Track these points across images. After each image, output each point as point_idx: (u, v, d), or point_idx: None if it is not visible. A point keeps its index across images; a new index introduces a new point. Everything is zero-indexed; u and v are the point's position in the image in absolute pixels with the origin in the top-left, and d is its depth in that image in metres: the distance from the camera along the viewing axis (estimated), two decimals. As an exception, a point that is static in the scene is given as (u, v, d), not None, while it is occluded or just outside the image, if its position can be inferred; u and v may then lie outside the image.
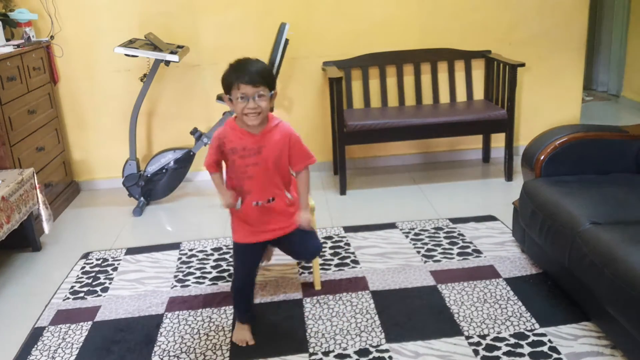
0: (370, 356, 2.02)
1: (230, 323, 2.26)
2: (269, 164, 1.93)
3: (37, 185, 2.95)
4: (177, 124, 3.86)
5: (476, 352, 2.00)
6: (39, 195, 2.96)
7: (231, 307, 2.37)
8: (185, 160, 3.53)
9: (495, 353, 1.99)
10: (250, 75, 1.81)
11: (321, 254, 2.76)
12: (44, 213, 2.97)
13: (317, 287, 2.46)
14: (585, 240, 1.96)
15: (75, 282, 2.68)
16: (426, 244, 2.84)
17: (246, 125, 1.89)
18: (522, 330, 2.11)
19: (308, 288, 2.47)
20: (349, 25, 3.78)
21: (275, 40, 3.26)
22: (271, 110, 1.99)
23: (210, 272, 2.68)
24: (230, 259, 2.79)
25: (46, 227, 2.99)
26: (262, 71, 1.85)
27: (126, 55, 3.20)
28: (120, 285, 2.62)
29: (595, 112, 5.25)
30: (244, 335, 2.13)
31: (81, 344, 2.20)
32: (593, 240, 1.93)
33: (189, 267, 2.74)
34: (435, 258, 2.69)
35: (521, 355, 1.97)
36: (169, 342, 2.17)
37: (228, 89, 1.87)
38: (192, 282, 2.60)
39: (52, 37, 3.65)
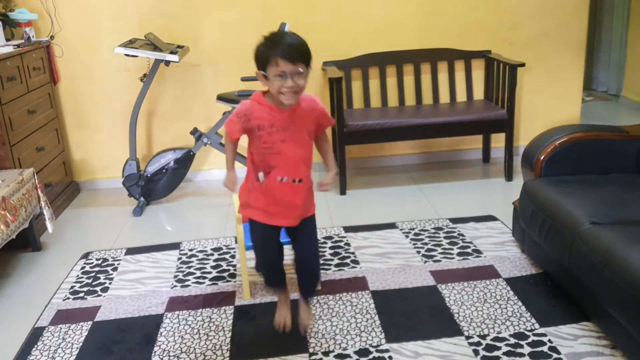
0: (370, 356, 2.02)
1: (231, 323, 2.26)
2: (297, 139, 1.85)
3: (38, 185, 2.96)
4: (177, 124, 3.86)
5: (476, 352, 2.00)
6: (41, 195, 2.96)
7: (231, 306, 2.37)
8: (185, 160, 3.53)
9: (495, 353, 1.99)
10: (290, 51, 1.69)
11: (321, 253, 2.76)
12: (46, 212, 2.98)
13: (317, 287, 2.46)
14: (585, 240, 1.96)
15: (75, 282, 2.68)
16: (426, 244, 2.84)
17: (277, 101, 1.79)
18: (522, 330, 2.11)
19: (308, 288, 2.47)
20: (349, 25, 3.78)
21: (275, 40, 3.26)
22: None
23: (210, 272, 2.68)
24: (231, 259, 2.79)
25: (49, 226, 2.99)
26: (300, 47, 1.72)
27: (126, 55, 3.20)
28: (120, 285, 2.62)
29: (595, 112, 5.25)
30: (283, 316, 2.09)
31: (81, 344, 2.20)
32: (593, 240, 1.93)
33: (189, 267, 2.74)
34: (435, 258, 2.69)
35: (521, 355, 1.97)
36: (169, 342, 2.17)
37: (263, 65, 1.74)
38: (192, 282, 2.60)
39: (52, 37, 3.65)
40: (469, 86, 3.89)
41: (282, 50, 1.70)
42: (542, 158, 2.45)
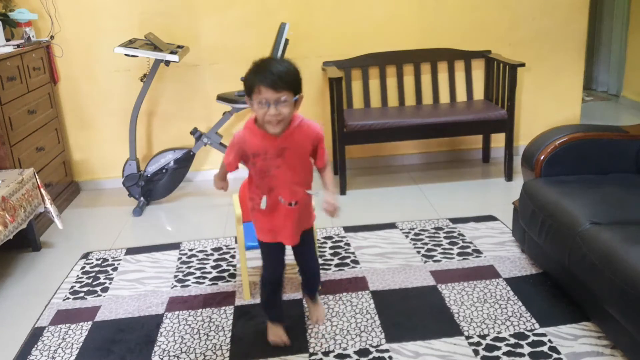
0: (370, 356, 2.02)
1: (231, 323, 2.26)
2: (292, 165, 1.86)
3: (40, 184, 2.96)
4: (177, 124, 3.86)
5: (476, 352, 2.00)
6: (44, 193, 2.96)
7: (231, 307, 2.37)
8: (185, 160, 3.53)
9: (495, 353, 1.99)
10: (272, 79, 1.68)
11: (321, 253, 2.76)
12: (52, 210, 2.98)
13: (319, 286, 2.45)
14: (585, 240, 1.96)
15: (75, 282, 2.68)
16: (426, 244, 2.84)
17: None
18: (522, 330, 2.11)
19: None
20: (349, 25, 3.78)
21: (275, 40, 3.26)
22: None
23: (210, 272, 2.68)
24: (231, 259, 2.79)
25: (58, 222, 3.00)
26: (285, 74, 1.71)
27: (126, 55, 3.20)
28: (120, 285, 2.62)
29: (595, 112, 5.25)
30: (279, 334, 2.10)
31: (81, 344, 2.20)
32: (593, 240, 1.93)
33: (189, 267, 2.74)
34: (435, 258, 2.69)
35: (521, 355, 1.97)
36: (169, 342, 2.17)
37: (249, 92, 1.74)
38: (192, 282, 2.60)
39: (52, 37, 3.65)
40: (469, 86, 3.89)
41: (265, 77, 1.69)
42: (542, 158, 2.45)
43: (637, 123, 2.65)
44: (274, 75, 1.69)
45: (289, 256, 2.11)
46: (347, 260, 2.70)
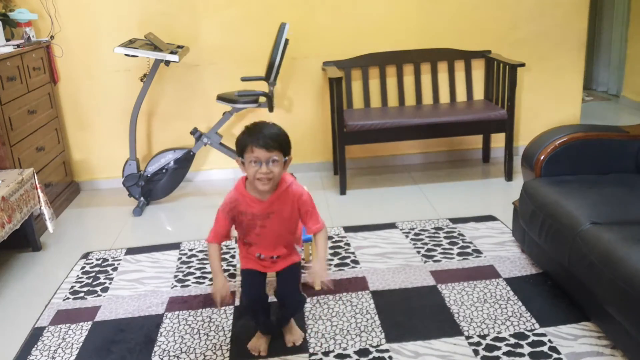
0: (370, 356, 2.02)
1: (231, 323, 2.26)
2: (277, 226, 1.93)
3: (38, 185, 2.96)
4: (177, 124, 3.86)
5: (476, 352, 2.00)
6: (41, 195, 2.96)
7: (231, 307, 2.37)
8: (185, 160, 3.53)
9: (495, 353, 1.99)
10: (265, 140, 1.78)
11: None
12: (46, 212, 2.98)
13: (317, 287, 2.45)
14: (585, 240, 1.96)
15: (75, 282, 2.68)
16: (426, 244, 2.84)
17: (255, 190, 1.87)
18: (522, 330, 2.11)
19: (308, 288, 2.47)
20: (349, 25, 3.78)
21: (275, 40, 3.26)
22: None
23: (210, 272, 2.68)
24: (231, 259, 2.79)
25: (50, 226, 2.99)
26: (277, 136, 1.82)
27: (126, 55, 3.20)
28: (120, 285, 2.62)
29: (595, 112, 5.25)
30: (259, 344, 2.10)
31: (81, 344, 2.20)
32: (593, 240, 1.93)
33: (189, 267, 2.74)
34: (435, 258, 2.69)
35: (521, 355, 1.97)
36: (169, 342, 2.17)
37: (241, 152, 1.83)
38: (192, 282, 2.60)
39: (52, 37, 3.65)
40: (469, 86, 3.89)
41: (258, 138, 1.79)
42: (542, 158, 2.45)
43: (637, 123, 2.65)
44: (266, 136, 1.79)
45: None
46: (347, 260, 2.70)
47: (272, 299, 2.21)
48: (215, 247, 1.97)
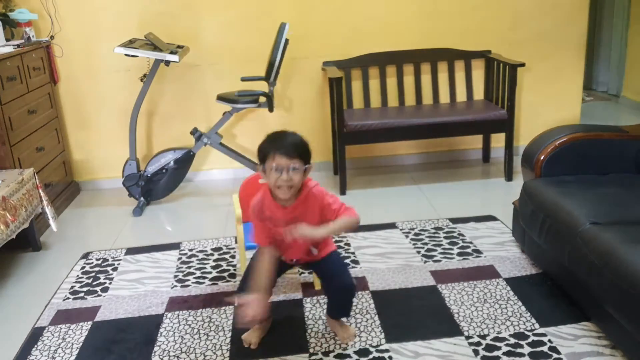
0: (370, 356, 2.02)
1: (231, 323, 2.26)
2: None
3: (39, 185, 2.96)
4: (177, 124, 3.86)
5: (476, 352, 2.00)
6: (42, 194, 2.96)
7: (231, 307, 2.37)
8: (185, 160, 3.53)
9: (495, 353, 1.99)
10: (286, 148, 1.81)
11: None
12: (49, 211, 2.98)
13: (317, 287, 2.45)
14: (585, 240, 1.96)
15: (75, 282, 2.68)
16: (426, 244, 2.84)
17: (279, 198, 1.89)
18: (522, 330, 2.11)
19: (308, 288, 2.47)
20: (349, 25, 3.78)
21: (275, 40, 3.26)
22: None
23: (210, 272, 2.68)
24: (231, 259, 2.79)
25: (53, 224, 3.00)
26: (298, 144, 1.84)
27: (126, 55, 3.20)
28: (120, 285, 2.62)
29: (595, 112, 5.25)
30: (250, 337, 2.11)
31: (81, 344, 2.20)
32: (593, 240, 1.93)
33: (189, 267, 2.74)
34: (435, 258, 2.69)
35: (521, 355, 1.97)
36: (169, 342, 2.17)
37: (263, 160, 1.85)
38: (192, 282, 2.60)
39: (52, 37, 3.65)
40: (469, 86, 3.89)
41: (279, 146, 1.82)
42: (542, 158, 2.45)
43: (637, 123, 2.65)
44: (287, 144, 1.83)
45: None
46: (347, 260, 2.70)
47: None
48: (267, 252, 1.96)
